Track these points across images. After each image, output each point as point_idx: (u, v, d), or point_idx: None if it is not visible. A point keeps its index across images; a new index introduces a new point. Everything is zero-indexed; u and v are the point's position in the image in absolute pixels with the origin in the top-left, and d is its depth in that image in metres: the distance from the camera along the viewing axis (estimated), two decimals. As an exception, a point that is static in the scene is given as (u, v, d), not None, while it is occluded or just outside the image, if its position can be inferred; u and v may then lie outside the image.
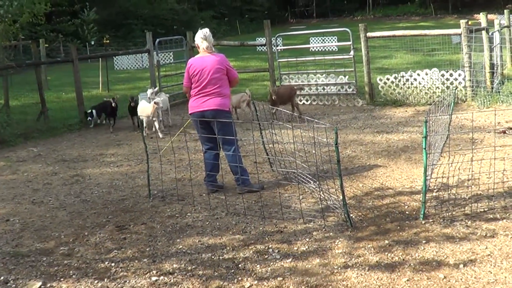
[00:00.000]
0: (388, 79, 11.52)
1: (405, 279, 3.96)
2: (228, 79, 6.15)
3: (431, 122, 6.20)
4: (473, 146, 7.34)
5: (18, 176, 7.65)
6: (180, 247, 4.82)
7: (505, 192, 5.56)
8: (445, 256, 4.27)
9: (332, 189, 5.71)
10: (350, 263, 4.26)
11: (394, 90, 11.44)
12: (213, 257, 4.55)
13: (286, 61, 13.47)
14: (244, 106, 10.39)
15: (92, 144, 9.59)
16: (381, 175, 6.53)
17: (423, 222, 4.95)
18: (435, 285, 3.85)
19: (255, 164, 6.95)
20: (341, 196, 4.96)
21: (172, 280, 4.19)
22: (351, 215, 5.13)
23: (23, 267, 4.60)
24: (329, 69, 12.55)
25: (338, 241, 4.68)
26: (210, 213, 5.64)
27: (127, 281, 4.22)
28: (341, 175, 4.88)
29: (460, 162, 6.63)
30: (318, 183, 5.73)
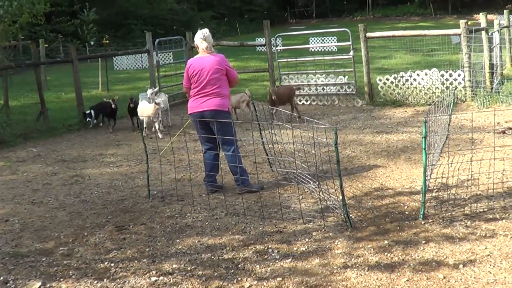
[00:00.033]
0: (387, 79, 11.52)
1: (404, 279, 3.96)
2: (228, 79, 6.15)
3: (430, 122, 6.21)
4: (473, 146, 7.34)
5: (17, 176, 7.65)
6: (180, 247, 4.82)
7: (504, 192, 5.56)
8: (445, 256, 4.28)
9: (331, 189, 5.71)
10: (349, 263, 4.26)
11: (394, 90, 11.44)
12: (212, 257, 4.55)
13: (285, 61, 13.47)
14: (244, 106, 10.39)
15: (92, 144, 9.59)
16: (380, 175, 6.53)
17: (423, 222, 4.95)
18: (435, 285, 3.85)
19: (254, 164, 6.95)
20: (340, 196, 4.96)
21: (172, 281, 4.19)
22: (351, 215, 5.13)
23: (22, 267, 4.60)
24: (329, 69, 12.56)
25: (337, 241, 4.68)
26: (209, 213, 5.64)
27: (127, 281, 4.22)
28: (340, 175, 4.88)
29: (460, 162, 6.63)
30: (317, 183, 5.74)
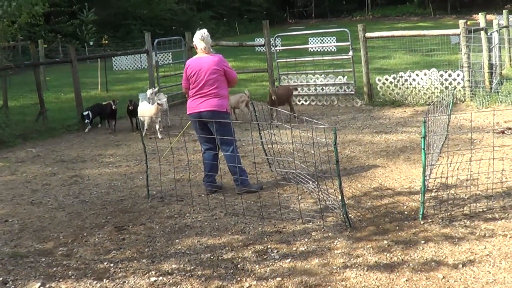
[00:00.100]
0: (386, 79, 11.53)
1: (404, 279, 3.96)
2: (227, 79, 6.15)
3: (430, 122, 6.21)
4: (472, 146, 7.35)
5: (17, 177, 7.64)
6: (179, 247, 4.82)
7: (503, 192, 5.56)
8: (444, 256, 4.28)
9: (331, 190, 5.71)
10: (349, 263, 4.27)
11: (393, 90, 11.44)
12: (212, 257, 4.55)
13: (285, 62, 13.47)
14: (243, 106, 10.39)
15: (91, 144, 9.59)
16: (380, 175, 6.54)
17: (422, 222, 4.95)
18: (434, 285, 3.85)
19: (254, 164, 6.95)
20: (340, 196, 4.96)
21: (171, 281, 4.19)
22: (350, 215, 5.13)
23: (22, 267, 4.59)
24: (328, 69, 12.56)
25: (337, 241, 4.68)
26: (209, 213, 5.64)
27: (126, 281, 4.22)
28: (339, 176, 4.89)
29: (459, 162, 6.64)
30: (317, 183, 5.74)
